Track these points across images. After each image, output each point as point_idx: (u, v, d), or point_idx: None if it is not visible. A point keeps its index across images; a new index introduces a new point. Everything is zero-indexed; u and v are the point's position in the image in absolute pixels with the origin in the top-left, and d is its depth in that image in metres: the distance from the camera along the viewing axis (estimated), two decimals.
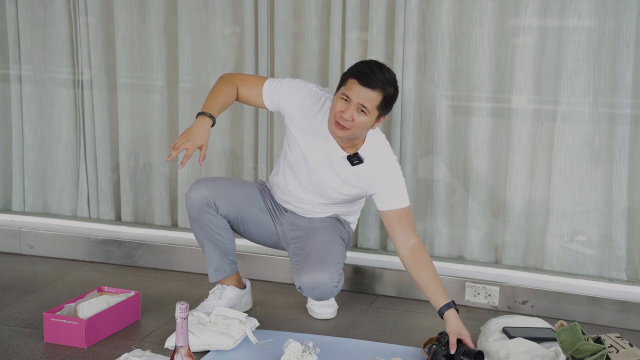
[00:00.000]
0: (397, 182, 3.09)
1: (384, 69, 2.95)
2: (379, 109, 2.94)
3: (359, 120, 2.92)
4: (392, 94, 2.95)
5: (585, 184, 3.46)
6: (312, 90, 3.11)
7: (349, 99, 2.91)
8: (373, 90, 2.89)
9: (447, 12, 3.52)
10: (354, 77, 2.91)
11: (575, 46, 3.38)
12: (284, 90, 3.11)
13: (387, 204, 3.08)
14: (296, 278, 3.09)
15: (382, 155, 3.08)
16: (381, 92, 2.91)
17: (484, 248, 3.65)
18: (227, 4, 3.83)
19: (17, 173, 4.25)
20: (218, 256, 3.23)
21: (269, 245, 3.38)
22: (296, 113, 3.10)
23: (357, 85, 2.90)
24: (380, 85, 2.90)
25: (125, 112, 4.05)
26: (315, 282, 3.03)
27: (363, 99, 2.90)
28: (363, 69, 2.93)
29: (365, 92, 2.89)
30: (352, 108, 2.91)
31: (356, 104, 2.90)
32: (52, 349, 2.95)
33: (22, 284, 3.64)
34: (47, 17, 4.08)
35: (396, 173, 3.10)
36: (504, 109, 3.54)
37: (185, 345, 2.18)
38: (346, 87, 2.93)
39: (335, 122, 2.95)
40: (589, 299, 3.35)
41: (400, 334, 3.19)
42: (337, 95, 2.96)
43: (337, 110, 2.93)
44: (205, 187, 3.14)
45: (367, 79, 2.89)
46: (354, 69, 2.95)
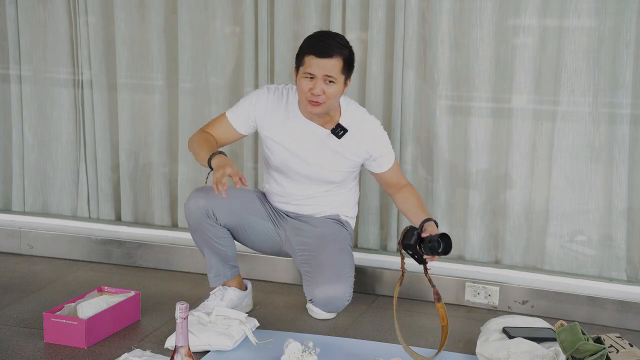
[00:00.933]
0: (385, 143, 3.21)
1: (333, 35, 3.07)
2: (343, 73, 3.02)
3: (329, 91, 3.00)
4: (349, 55, 3.04)
5: (585, 184, 3.46)
6: (271, 88, 3.20)
7: (313, 75, 2.98)
8: (332, 58, 2.98)
9: (447, 12, 3.52)
10: (310, 53, 2.99)
11: (575, 46, 3.38)
12: (246, 107, 3.18)
13: (382, 166, 3.21)
14: (308, 290, 3.10)
15: (364, 119, 3.17)
16: (339, 56, 3.00)
17: (484, 248, 3.65)
18: (227, 4, 3.83)
19: (17, 173, 4.25)
20: (218, 262, 3.23)
21: (271, 252, 3.38)
22: (268, 116, 3.16)
23: (316, 59, 2.97)
24: (336, 51, 2.99)
25: (125, 112, 4.05)
26: (329, 296, 3.05)
27: (326, 70, 2.97)
28: (315, 43, 3.01)
29: (325, 62, 2.97)
30: (319, 82, 2.98)
31: (322, 77, 2.98)
32: (52, 349, 2.95)
33: (22, 284, 3.64)
34: (47, 17, 4.08)
35: (382, 133, 3.20)
36: (504, 109, 3.54)
37: (185, 345, 2.18)
38: (305, 65, 3.00)
39: (308, 101, 3.01)
40: (589, 299, 3.35)
41: None
42: (300, 76, 3.02)
43: (306, 90, 3.00)
44: (204, 197, 3.12)
45: (323, 49, 2.97)
46: (307, 45, 3.03)
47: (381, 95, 3.66)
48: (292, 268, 3.68)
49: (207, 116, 3.93)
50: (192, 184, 3.98)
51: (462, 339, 3.13)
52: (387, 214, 3.75)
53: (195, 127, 3.94)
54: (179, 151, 4.01)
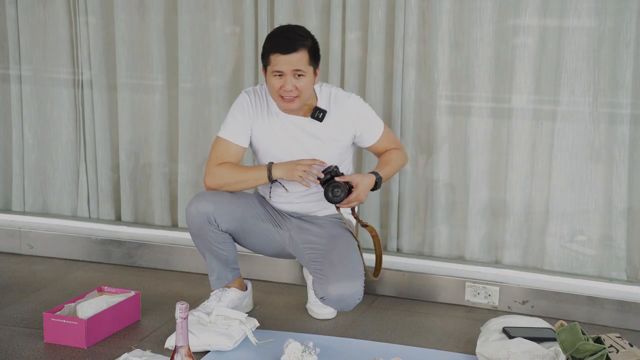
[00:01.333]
0: (368, 114, 3.21)
1: (293, 28, 3.09)
2: (311, 64, 3.04)
3: (301, 84, 3.02)
4: (313, 45, 3.06)
5: (585, 184, 3.46)
6: (249, 91, 3.21)
7: (282, 72, 3.00)
8: (297, 52, 3.00)
9: (447, 12, 3.52)
10: (274, 51, 3.00)
11: (575, 46, 3.38)
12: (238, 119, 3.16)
13: (372, 138, 3.22)
14: (320, 288, 3.06)
15: (341, 96, 3.17)
16: (304, 48, 3.02)
17: (484, 248, 3.65)
18: (227, 4, 3.83)
19: (17, 173, 4.25)
20: (219, 265, 3.23)
21: (274, 254, 3.36)
22: (255, 118, 3.16)
23: (281, 56, 2.99)
24: (300, 44, 3.01)
25: (125, 112, 4.05)
26: (342, 294, 3.02)
27: (294, 65, 2.99)
28: (277, 40, 3.03)
29: (291, 57, 2.99)
30: (289, 78, 3.00)
31: (291, 73, 3.00)
32: (52, 349, 2.95)
33: (22, 284, 3.64)
34: (47, 17, 4.08)
35: (362, 106, 3.21)
36: (504, 109, 3.54)
37: (185, 345, 2.18)
38: (272, 63, 3.02)
39: (282, 98, 3.03)
40: (589, 299, 3.35)
41: (400, 334, 3.19)
42: (269, 75, 3.04)
43: (277, 88, 3.03)
44: (205, 203, 3.10)
45: (286, 45, 2.99)
46: (270, 44, 3.04)
47: (381, 95, 3.66)
48: (292, 268, 3.68)
49: (207, 116, 3.93)
50: (192, 184, 3.98)
51: (462, 339, 3.13)
52: (387, 214, 3.75)
53: (195, 127, 3.95)
54: (179, 151, 4.01)
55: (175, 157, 4.04)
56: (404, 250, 3.75)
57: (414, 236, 3.74)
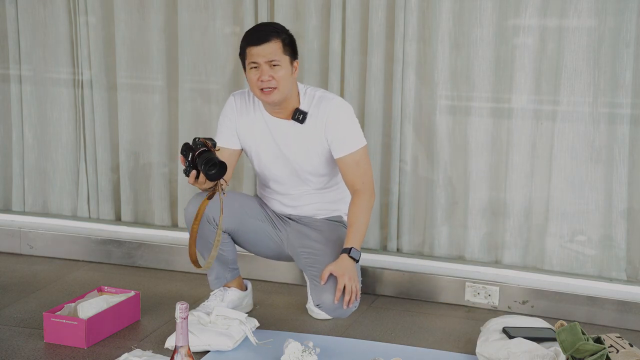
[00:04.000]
0: (345, 124, 3.09)
1: (267, 23, 3.19)
2: (286, 53, 3.02)
3: (278, 75, 3.00)
4: (288, 38, 3.04)
5: (585, 184, 3.46)
6: (236, 94, 3.22)
7: (257, 63, 2.99)
8: (270, 42, 2.99)
9: (447, 12, 3.52)
10: (247, 45, 3.02)
11: (575, 46, 3.38)
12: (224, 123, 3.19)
13: (338, 150, 3.08)
14: (315, 296, 3.01)
15: (325, 99, 3.11)
16: (277, 38, 3.00)
17: (484, 248, 3.65)
18: (227, 4, 3.83)
19: (17, 173, 4.25)
20: (219, 266, 3.23)
21: (272, 256, 3.34)
22: (241, 120, 3.16)
23: (254, 47, 3.00)
24: (272, 35, 3.00)
25: (125, 112, 4.05)
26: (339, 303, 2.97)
27: (268, 55, 2.99)
28: (250, 33, 3.05)
29: (264, 47, 2.99)
30: (265, 68, 2.99)
31: (266, 63, 2.99)
32: (52, 349, 2.96)
33: (22, 284, 3.64)
34: (47, 17, 4.08)
35: (343, 113, 3.10)
36: (504, 109, 3.54)
37: (185, 345, 2.18)
38: (247, 57, 3.02)
39: (261, 90, 3.01)
40: (589, 299, 3.35)
41: (400, 334, 3.19)
42: (247, 71, 3.04)
43: (255, 80, 3.02)
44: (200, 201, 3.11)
45: (258, 37, 3.00)
46: (244, 39, 3.05)
47: (381, 95, 3.66)
48: (292, 268, 3.68)
49: (207, 116, 3.93)
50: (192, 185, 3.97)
51: (462, 339, 3.13)
52: (387, 214, 3.75)
53: (195, 127, 3.95)
54: (179, 151, 4.00)
55: (175, 157, 4.04)
56: (404, 250, 3.76)
57: (414, 236, 3.74)
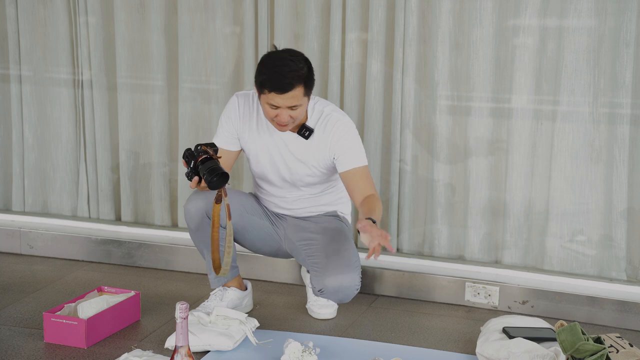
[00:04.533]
0: (349, 141, 3.09)
1: (290, 60, 2.94)
2: (306, 94, 2.98)
3: (295, 114, 2.97)
4: (307, 75, 2.96)
5: (585, 184, 3.46)
6: (240, 95, 3.17)
7: (277, 106, 2.94)
8: (293, 90, 2.92)
9: (447, 12, 3.52)
10: (270, 90, 2.91)
11: (575, 46, 3.38)
12: (224, 124, 3.16)
13: (346, 163, 3.08)
14: (317, 280, 3.05)
15: (331, 119, 3.09)
16: (300, 83, 2.93)
17: (484, 248, 3.65)
18: (227, 4, 3.83)
19: (17, 173, 4.25)
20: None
21: (270, 253, 3.36)
22: (242, 123, 3.14)
23: (277, 96, 2.91)
24: (296, 82, 2.92)
25: (125, 112, 4.05)
26: (340, 285, 3.02)
27: (289, 102, 2.93)
28: (274, 77, 2.90)
29: (287, 96, 2.91)
30: (284, 111, 2.95)
31: (285, 108, 2.94)
32: (52, 349, 2.96)
33: (22, 284, 3.64)
34: (47, 17, 4.08)
35: (347, 131, 3.10)
36: (504, 109, 3.54)
37: (185, 345, 2.19)
38: (267, 97, 2.94)
39: (276, 123, 2.99)
40: (589, 299, 3.35)
41: (400, 334, 3.20)
42: (263, 102, 2.97)
43: (271, 116, 2.98)
44: (203, 199, 3.11)
45: (282, 86, 2.89)
46: (265, 79, 2.92)
47: (381, 95, 3.66)
48: (292, 268, 3.68)
49: (207, 116, 3.93)
50: None
51: (462, 339, 3.14)
52: (387, 214, 3.75)
53: (195, 127, 3.96)
54: (179, 151, 4.01)
55: (175, 157, 4.04)
56: (404, 250, 3.76)
57: (414, 236, 3.74)
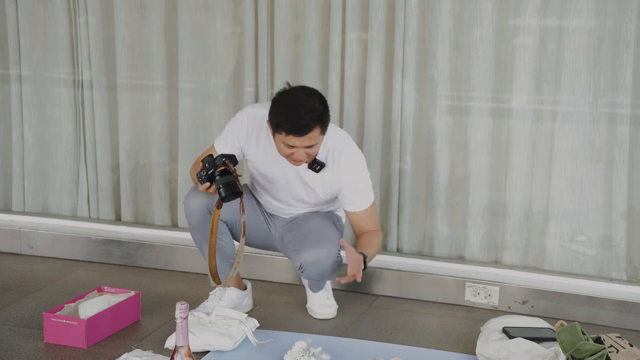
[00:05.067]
0: (360, 181, 3.10)
1: (307, 100, 2.89)
2: (322, 133, 2.94)
3: (312, 151, 2.95)
4: (323, 113, 2.92)
5: (585, 184, 3.46)
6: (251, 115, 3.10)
7: (293, 146, 2.90)
8: (310, 132, 2.88)
9: (447, 12, 3.52)
10: (288, 133, 2.87)
11: (575, 46, 3.38)
12: (230, 137, 3.13)
13: (353, 205, 3.13)
14: (296, 258, 3.11)
15: (343, 158, 3.06)
16: (317, 124, 2.89)
17: (484, 248, 3.65)
18: (227, 4, 3.83)
19: (17, 173, 4.25)
20: (219, 260, 3.22)
21: (263, 247, 3.40)
22: (250, 144, 3.12)
23: (295, 138, 2.88)
24: (314, 123, 2.88)
25: (125, 112, 4.05)
26: (315, 258, 3.05)
27: (307, 143, 2.90)
28: (293, 119, 2.86)
29: (305, 138, 2.89)
30: (300, 150, 2.92)
31: (302, 148, 2.91)
32: (52, 349, 2.96)
33: (22, 284, 3.64)
34: (47, 17, 4.08)
35: (358, 169, 3.09)
36: (504, 109, 3.54)
37: (185, 345, 2.18)
38: (283, 137, 2.90)
39: (291, 159, 2.97)
40: (589, 299, 3.35)
41: (400, 334, 3.20)
42: (278, 141, 2.93)
43: (287, 154, 2.95)
44: (203, 194, 3.11)
45: (300, 129, 2.86)
46: (283, 121, 2.87)
47: (381, 95, 3.66)
48: (292, 268, 3.68)
49: (207, 116, 3.93)
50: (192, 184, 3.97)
51: (462, 339, 3.14)
52: (387, 215, 3.75)
53: (195, 127, 3.96)
54: (179, 151, 4.01)
55: (175, 157, 4.04)
56: (404, 250, 3.76)
57: (414, 236, 3.74)
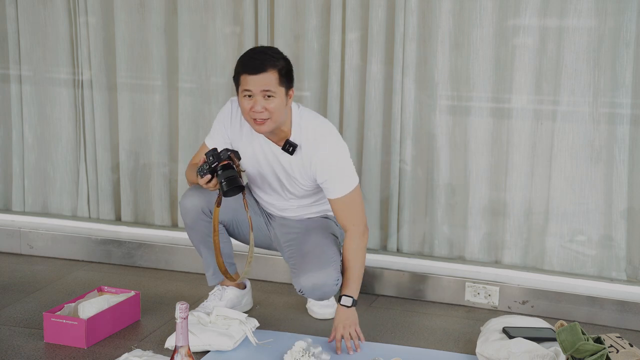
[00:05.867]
0: (337, 162, 3.03)
1: (265, 49, 3.00)
2: (282, 84, 2.94)
3: (271, 106, 2.92)
4: (284, 66, 2.95)
5: (585, 184, 3.46)
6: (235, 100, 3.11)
7: (251, 92, 2.92)
8: (266, 72, 2.90)
9: (447, 12, 3.52)
10: (243, 72, 2.92)
11: (575, 46, 3.38)
12: (218, 128, 3.13)
13: (332, 191, 3.04)
14: (295, 281, 3.08)
15: (318, 139, 3.02)
16: (273, 68, 2.91)
17: (484, 248, 3.65)
18: (227, 4, 3.83)
19: (17, 173, 4.25)
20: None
21: (263, 246, 3.38)
22: (235, 129, 3.11)
23: (250, 76, 2.91)
24: (269, 64, 2.91)
25: (125, 112, 4.05)
26: (315, 283, 3.02)
27: (263, 85, 2.90)
28: (247, 61, 2.94)
29: (260, 78, 2.90)
30: (259, 99, 2.92)
31: (260, 93, 2.91)
32: (52, 349, 2.96)
33: (22, 284, 3.64)
34: (47, 17, 4.08)
35: (334, 149, 3.03)
36: (504, 109, 3.54)
37: (185, 345, 2.19)
38: (242, 84, 2.94)
39: (253, 120, 2.96)
40: (589, 299, 3.36)
41: (400, 334, 3.20)
42: (240, 97, 2.97)
43: (247, 109, 2.95)
44: (199, 194, 3.11)
45: (254, 66, 2.91)
46: (240, 64, 2.95)
47: (381, 95, 3.66)
48: None
49: (207, 116, 3.93)
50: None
51: (462, 339, 3.14)
52: (387, 214, 3.75)
53: (195, 127, 3.96)
54: (179, 151, 4.01)
55: (175, 157, 4.04)
56: (404, 250, 3.76)
57: (414, 236, 3.74)
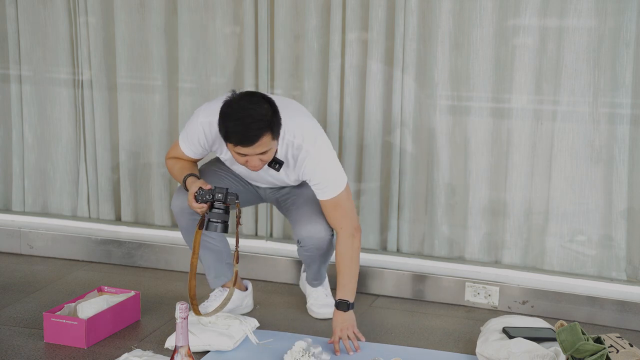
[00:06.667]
0: (324, 173, 3.01)
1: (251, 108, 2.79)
2: (275, 137, 2.84)
3: (266, 157, 2.86)
4: (272, 119, 2.81)
5: (585, 184, 3.46)
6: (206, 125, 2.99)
7: (247, 156, 2.83)
8: (259, 140, 2.78)
9: (447, 12, 3.52)
10: (236, 144, 2.79)
11: (575, 46, 3.38)
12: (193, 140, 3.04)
13: (321, 193, 3.04)
14: (294, 232, 3.16)
15: (302, 153, 2.98)
16: (266, 132, 2.79)
17: (484, 248, 3.65)
18: (227, 4, 3.83)
19: (17, 173, 4.25)
20: (215, 261, 3.22)
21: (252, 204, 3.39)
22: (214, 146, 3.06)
23: (243, 148, 2.80)
24: (262, 131, 2.77)
25: (125, 112, 4.05)
26: (311, 233, 3.10)
27: (257, 151, 2.81)
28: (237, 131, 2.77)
29: (256, 146, 2.80)
30: (254, 158, 2.84)
31: (254, 155, 2.83)
32: (52, 349, 2.96)
33: (22, 284, 3.64)
34: (47, 17, 4.08)
35: (320, 163, 2.99)
36: (504, 109, 3.54)
37: (185, 345, 2.19)
38: (234, 148, 2.82)
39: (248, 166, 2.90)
40: (589, 299, 3.36)
41: (400, 334, 3.20)
42: (231, 150, 2.85)
43: (241, 162, 2.87)
44: (184, 196, 3.08)
45: (249, 139, 2.77)
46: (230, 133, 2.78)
47: (381, 95, 3.66)
48: (292, 268, 3.68)
49: None
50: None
51: (462, 339, 3.14)
52: (387, 214, 3.75)
53: None
54: None
55: None
56: (404, 250, 3.76)
57: (413, 236, 3.74)
